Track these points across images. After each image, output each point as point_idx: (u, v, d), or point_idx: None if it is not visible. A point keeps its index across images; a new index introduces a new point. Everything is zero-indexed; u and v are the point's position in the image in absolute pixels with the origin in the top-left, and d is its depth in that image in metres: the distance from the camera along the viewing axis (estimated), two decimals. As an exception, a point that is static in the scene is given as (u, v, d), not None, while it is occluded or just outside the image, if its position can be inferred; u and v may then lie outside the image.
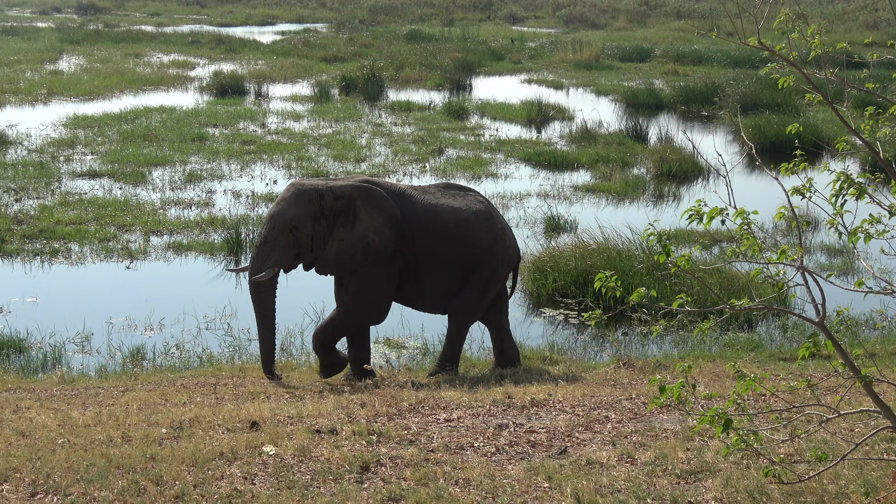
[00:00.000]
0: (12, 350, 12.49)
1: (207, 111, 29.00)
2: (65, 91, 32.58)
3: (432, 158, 23.32)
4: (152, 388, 10.67)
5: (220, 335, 13.26)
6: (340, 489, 7.14)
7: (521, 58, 42.47)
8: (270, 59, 41.25)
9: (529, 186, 21.14)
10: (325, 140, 25.15)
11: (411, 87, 35.13)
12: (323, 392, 10.25)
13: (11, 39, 47.06)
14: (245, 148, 23.96)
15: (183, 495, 7.02)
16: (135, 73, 36.82)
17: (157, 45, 45.93)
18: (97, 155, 22.94)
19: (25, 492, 7.09)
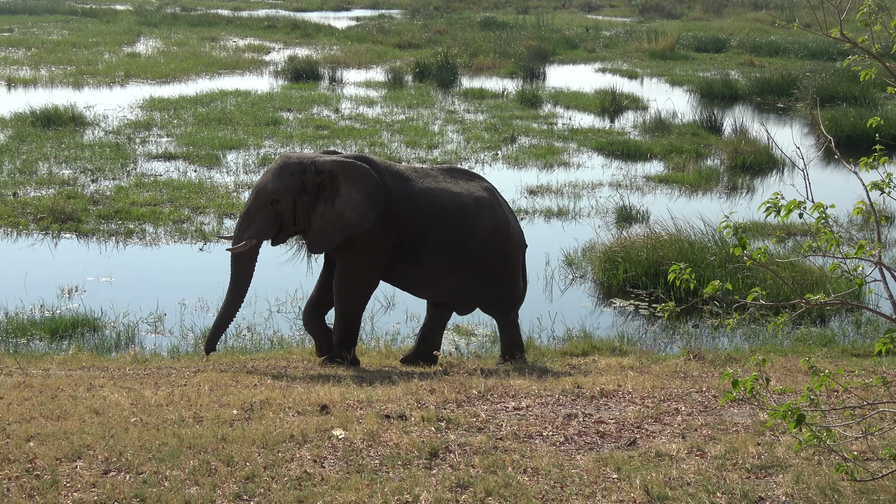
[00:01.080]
0: (87, 329, 12.65)
1: (282, 95, 29.15)
2: (142, 73, 32.89)
3: (504, 146, 23.29)
4: (223, 369, 10.76)
5: (290, 318, 13.33)
6: (409, 475, 7.16)
7: (596, 47, 42.26)
8: (345, 44, 41.37)
9: (601, 176, 21.05)
10: (398, 126, 25.19)
11: (485, 74, 35.09)
12: (392, 377, 10.27)
13: (90, 22, 47.60)
14: (318, 133, 24.06)
15: (253, 476, 7.08)
16: (211, 56, 37.10)
17: (233, 29, 46.24)
18: (172, 137, 23.15)
19: (98, 469, 7.18)
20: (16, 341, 12.22)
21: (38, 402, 8.87)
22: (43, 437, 7.74)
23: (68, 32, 43.36)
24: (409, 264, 11.04)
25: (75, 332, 12.55)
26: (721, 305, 13.59)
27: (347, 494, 6.81)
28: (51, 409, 8.62)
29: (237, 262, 11.14)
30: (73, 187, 18.62)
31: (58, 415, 8.44)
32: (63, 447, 7.51)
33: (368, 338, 12.78)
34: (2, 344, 12.11)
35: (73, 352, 11.79)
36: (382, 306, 13.69)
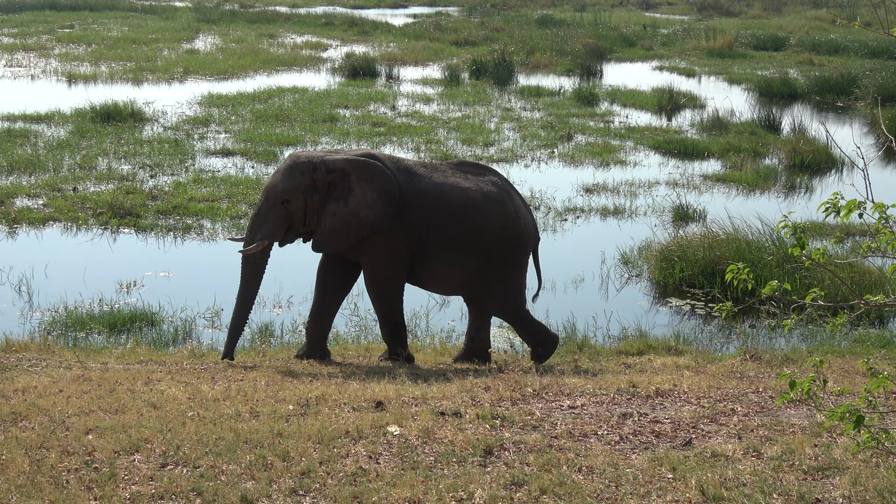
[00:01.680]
0: (144, 323, 12.76)
1: (339, 92, 29.25)
2: (200, 70, 33.12)
3: (561, 144, 23.26)
4: (280, 364, 10.82)
5: (346, 315, 13.37)
6: (464, 472, 7.17)
7: (653, 45, 42.08)
8: (402, 41, 41.44)
9: (658, 174, 20.97)
10: (455, 124, 25.21)
11: (541, 72, 35.04)
12: (447, 374, 10.29)
13: (150, 18, 48.00)
14: (375, 130, 24.12)
15: (309, 472, 7.12)
16: (268, 53, 37.29)
17: (290, 26, 46.46)
18: (230, 133, 23.29)
19: (156, 462, 7.25)
20: (75, 335, 12.35)
21: (96, 395, 8.97)
22: (101, 430, 7.83)
23: (128, 29, 43.73)
24: (421, 259, 10.96)
25: (133, 327, 12.67)
26: (778, 306, 13.51)
27: (402, 491, 6.84)
28: (109, 402, 8.71)
29: (249, 264, 11.03)
30: (132, 183, 18.78)
31: (116, 408, 8.53)
32: (121, 440, 7.59)
33: (423, 335, 12.80)
34: (61, 337, 12.25)
35: (131, 346, 11.91)
36: (437, 304, 13.71)
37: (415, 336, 12.71)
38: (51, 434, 7.71)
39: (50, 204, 17.38)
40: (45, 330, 12.52)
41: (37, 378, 9.71)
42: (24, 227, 16.42)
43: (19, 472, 6.99)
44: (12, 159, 20.00)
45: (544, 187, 19.29)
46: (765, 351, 11.61)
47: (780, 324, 12.89)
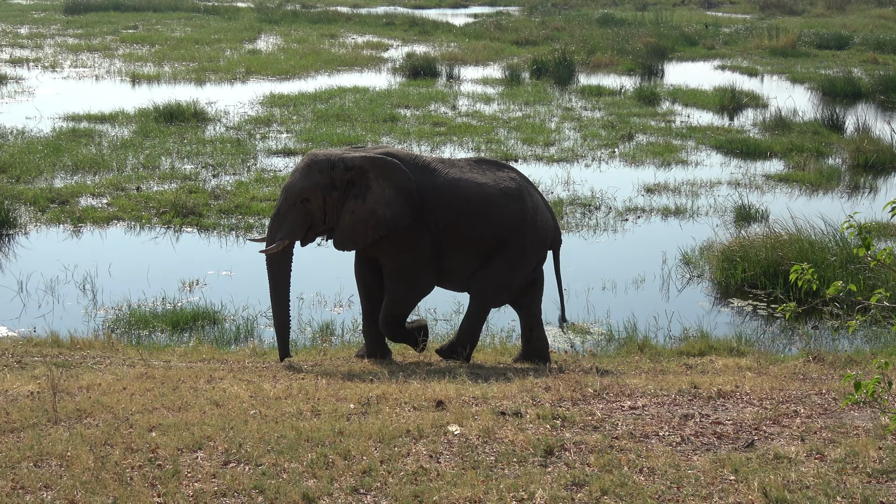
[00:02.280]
0: (207, 321, 12.86)
1: (399, 92, 29.31)
2: (262, 70, 33.31)
3: (622, 144, 23.18)
4: (340, 363, 10.87)
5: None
6: (524, 472, 7.16)
7: (715, 43, 41.82)
8: (462, 41, 41.45)
9: (720, 174, 20.83)
10: (515, 123, 25.19)
11: (602, 71, 34.93)
12: (507, 374, 10.28)
13: (213, 19, 48.34)
14: (435, 129, 24.15)
15: (370, 470, 7.14)
16: (330, 53, 37.44)
17: (351, 26, 46.61)
18: (292, 133, 23.41)
19: (219, 460, 7.30)
20: (138, 333, 12.47)
21: (159, 393, 9.05)
22: (165, 428, 7.90)
23: (191, 29, 44.06)
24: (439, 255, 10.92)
25: (196, 325, 12.77)
26: (842, 307, 13.38)
27: (463, 490, 6.84)
28: (172, 400, 8.79)
29: (273, 264, 11.06)
30: (195, 182, 18.92)
31: (179, 406, 8.60)
32: (184, 438, 7.65)
33: (483, 335, 12.78)
34: (125, 335, 12.37)
35: (193, 344, 12.01)
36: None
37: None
38: (115, 431, 7.79)
39: (114, 203, 17.56)
40: (108, 328, 12.66)
41: (101, 376, 9.81)
42: (89, 226, 16.59)
43: (84, 468, 7.07)
44: (77, 159, 20.21)
45: (605, 187, 19.23)
46: (828, 352, 11.51)
47: (844, 325, 12.77)
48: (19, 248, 15.69)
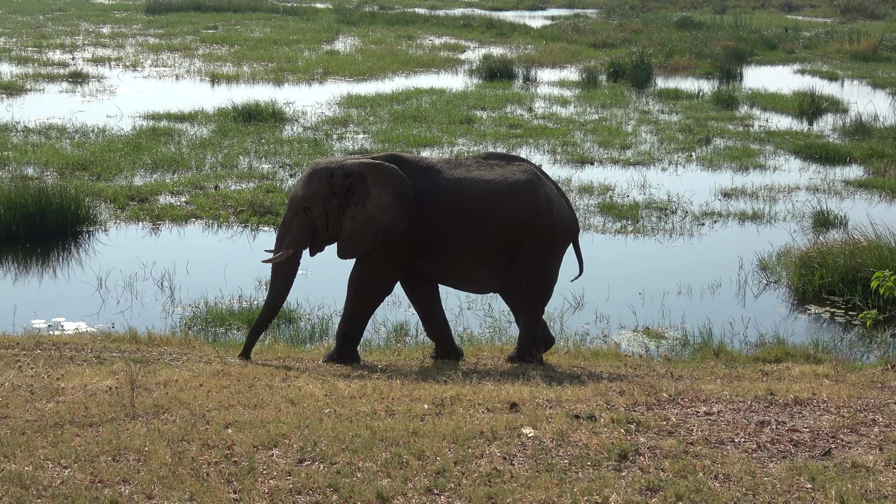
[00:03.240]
0: (282, 320, 12.94)
1: (476, 94, 29.34)
2: (340, 71, 33.50)
3: (699, 147, 23.03)
4: (414, 364, 10.90)
5: (480, 315, 13.42)
6: (598, 476, 7.14)
7: (795, 47, 41.43)
8: (539, 43, 41.41)
9: (798, 179, 20.64)
10: (591, 126, 25.13)
11: (680, 74, 34.73)
12: (581, 378, 10.26)
13: (291, 20, 48.68)
14: (511, 132, 24.15)
15: (444, 471, 7.15)
16: (407, 54, 37.56)
17: (429, 28, 46.73)
18: (368, 134, 23.51)
19: (294, 458, 7.35)
20: (215, 330, 12.60)
21: (235, 390, 9.13)
22: (241, 425, 7.97)
23: (270, 30, 44.40)
24: (443, 258, 10.84)
25: (271, 324, 12.83)
26: (922, 315, 13.20)
27: (537, 493, 6.84)
28: (248, 397, 8.86)
29: (276, 272, 11.12)
30: (272, 181, 19.07)
31: (255, 403, 8.67)
32: (260, 435, 7.71)
33: (557, 337, 12.75)
34: (202, 332, 12.50)
35: (269, 342, 12.10)
36: (571, 306, 13.68)
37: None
38: (191, 427, 7.87)
39: (192, 201, 17.74)
40: (186, 325, 12.79)
41: (178, 372, 9.92)
42: (167, 223, 16.78)
43: (161, 463, 7.15)
44: (157, 157, 20.45)
45: (681, 191, 19.13)
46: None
47: (925, 333, 12.60)
48: (99, 245, 15.91)
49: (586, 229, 16.92)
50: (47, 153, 20.59)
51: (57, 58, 35.70)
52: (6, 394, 8.71)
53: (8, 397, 8.60)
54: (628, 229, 17.07)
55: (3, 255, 15.50)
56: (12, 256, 15.49)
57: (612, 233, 16.92)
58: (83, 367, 10.14)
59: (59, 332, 12.32)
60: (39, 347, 11.11)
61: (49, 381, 9.20)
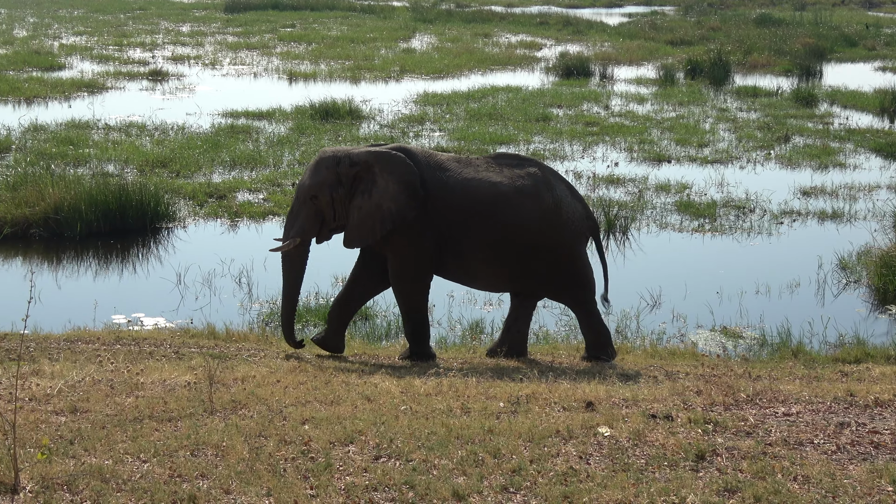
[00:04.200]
0: (359, 317, 12.97)
1: (552, 92, 29.27)
2: (416, 69, 33.57)
3: (778, 145, 22.80)
4: (489, 361, 10.89)
5: (556, 314, 13.38)
6: (675, 476, 7.10)
7: (876, 44, 40.91)
8: (616, 41, 41.24)
9: (879, 178, 20.36)
10: (669, 124, 24.97)
11: (758, 72, 34.42)
12: (657, 377, 10.21)
13: (368, 18, 48.92)
14: (588, 129, 24.07)
15: (519, 469, 7.14)
16: (483, 52, 37.57)
17: (505, 26, 46.71)
18: (445, 132, 23.54)
19: (370, 454, 7.38)
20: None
21: (312, 386, 9.19)
22: (317, 421, 8.01)
23: (347, 28, 44.61)
24: (453, 256, 10.82)
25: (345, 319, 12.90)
26: None
27: (613, 492, 6.81)
28: (324, 393, 8.91)
29: (286, 262, 11.16)
30: (349, 179, 19.11)
31: (331, 400, 8.71)
32: (336, 431, 7.75)
33: (633, 336, 12.71)
34: (279, 329, 12.55)
35: (345, 339, 12.14)
36: (648, 305, 13.60)
37: (624, 337, 12.62)
38: (269, 423, 7.93)
39: (270, 198, 17.86)
40: (263, 321, 12.89)
41: (255, 368, 10.00)
42: (245, 220, 16.91)
43: (239, 458, 7.21)
44: (235, 155, 20.61)
45: (760, 189, 18.94)
46: None
47: None
48: (178, 242, 16.08)
49: (662, 227, 16.85)
50: (128, 150, 20.84)
51: (137, 56, 36.15)
52: (87, 388, 8.83)
53: (88, 392, 8.71)
54: (706, 228, 16.95)
55: (85, 251, 15.71)
56: (93, 252, 15.69)
57: (689, 231, 16.80)
58: (162, 363, 10.25)
59: (139, 328, 12.46)
60: (119, 342, 11.25)
61: (129, 376, 9.31)
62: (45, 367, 9.60)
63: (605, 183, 19.35)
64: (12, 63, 33.06)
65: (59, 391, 8.69)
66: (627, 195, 18.57)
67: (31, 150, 20.79)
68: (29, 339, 11.13)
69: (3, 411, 7.64)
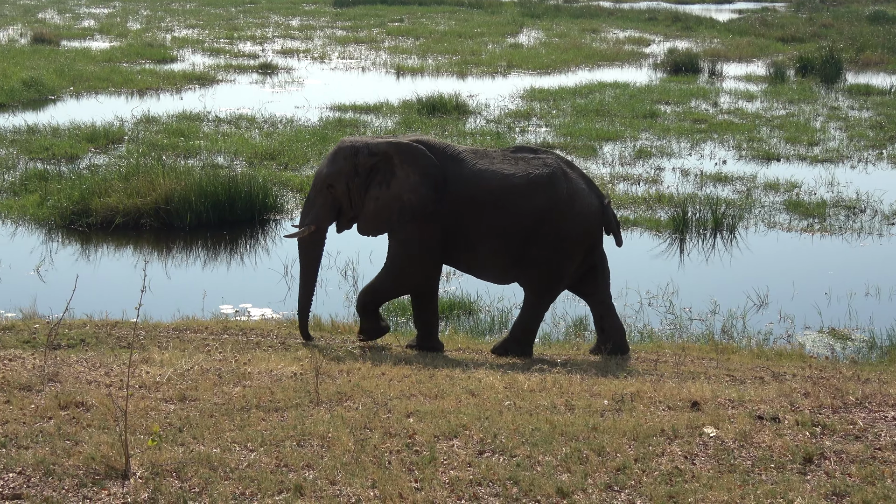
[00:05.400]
0: (463, 311, 13.02)
1: (660, 88, 29.07)
2: (523, 64, 33.54)
3: (890, 145, 22.41)
4: (594, 358, 10.85)
5: (661, 312, 13.30)
6: (782, 479, 7.01)
7: None
8: (726, 37, 40.82)
9: None
10: (778, 122, 24.66)
11: (871, 70, 33.83)
12: (764, 377, 10.10)
13: (476, 13, 48.98)
14: (696, 126, 23.86)
15: (624, 468, 7.11)
16: (591, 48, 37.43)
17: (613, 21, 46.49)
18: (551, 127, 23.49)
19: (474, 449, 7.39)
20: (396, 320, 12.74)
21: (416, 379, 9.22)
22: (421, 415, 8.04)
23: (455, 23, 44.70)
24: (465, 247, 10.82)
25: (452, 315, 12.95)
26: None
27: (719, 493, 6.74)
28: (429, 387, 8.94)
29: (302, 249, 11.31)
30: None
31: (435, 393, 8.75)
32: (440, 425, 7.77)
33: (739, 336, 12.58)
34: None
35: (449, 333, 12.18)
36: (755, 305, 13.45)
37: (730, 337, 12.50)
38: (374, 415, 7.98)
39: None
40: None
41: (360, 360, 10.06)
42: (352, 213, 17.00)
43: (344, 450, 7.26)
44: (342, 148, 20.74)
45: (871, 189, 18.63)
46: None
47: None
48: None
49: (770, 227, 16.66)
50: (237, 143, 21.10)
51: (247, 49, 36.57)
52: (195, 377, 8.96)
53: (197, 380, 8.84)
54: (815, 227, 16.72)
55: (194, 241, 15.94)
56: (202, 243, 15.91)
57: (797, 231, 16.59)
58: (269, 353, 10.37)
59: (246, 318, 12.62)
60: (227, 332, 11.41)
61: (236, 366, 9.43)
62: (155, 356, 9.75)
63: (713, 181, 19.18)
64: (126, 55, 33.62)
65: (168, 379, 8.82)
66: (735, 193, 18.39)
67: (143, 141, 21.15)
68: (139, 327, 11.33)
69: (115, 398, 7.79)
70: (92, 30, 41.09)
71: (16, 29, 40.17)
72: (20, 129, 22.17)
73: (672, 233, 16.30)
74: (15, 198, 17.15)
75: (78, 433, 7.39)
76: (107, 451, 6.97)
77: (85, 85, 28.20)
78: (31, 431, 7.37)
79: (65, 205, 16.31)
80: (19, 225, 16.18)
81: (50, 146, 20.55)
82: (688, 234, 16.24)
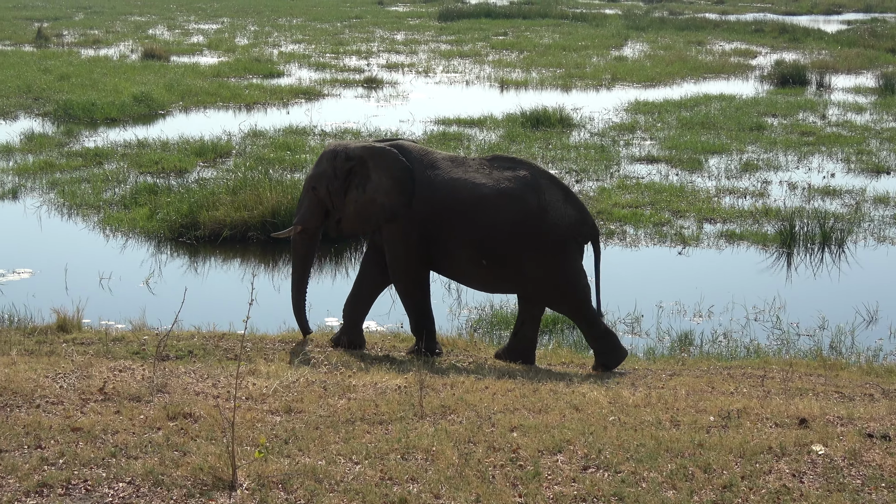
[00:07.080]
0: (566, 325, 12.95)
1: (767, 100, 28.76)
2: (627, 77, 33.39)
3: None
4: (699, 374, 10.76)
5: (767, 327, 13.15)
6: (893, 498, 6.88)
7: None
8: (834, 48, 40.28)
9: None
10: (888, 134, 24.26)
11: None
12: (873, 395, 9.93)
13: (580, 26, 48.87)
14: (803, 139, 23.56)
15: (730, 485, 7.03)
16: (696, 60, 37.15)
17: (719, 33, 46.10)
18: (656, 140, 23.34)
19: (578, 464, 7.36)
20: (499, 333, 12.75)
21: (520, 393, 9.21)
22: (525, 429, 8.03)
23: (559, 36, 44.65)
24: (443, 254, 10.93)
25: (555, 328, 12.92)
26: None
27: (827, 512, 6.66)
28: (532, 401, 8.93)
29: (293, 249, 11.69)
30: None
31: (539, 408, 8.73)
32: (544, 440, 7.75)
33: (848, 352, 12.39)
34: (487, 335, 12.66)
35: (552, 347, 12.16)
36: (864, 320, 13.24)
37: (839, 353, 12.31)
38: (478, 429, 7.99)
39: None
40: (472, 327, 12.99)
41: (464, 373, 10.08)
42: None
43: (448, 463, 7.28)
44: (446, 162, 20.79)
45: None
46: None
47: None
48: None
49: (880, 241, 16.41)
50: (342, 156, 21.23)
51: (353, 64, 36.86)
52: (301, 389, 9.04)
53: (303, 392, 8.92)
54: (927, 242, 16.42)
55: (300, 254, 16.06)
56: (308, 256, 16.03)
57: (909, 245, 16.31)
58: (373, 365, 10.42)
59: (351, 331, 12.68)
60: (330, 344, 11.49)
61: (341, 378, 9.50)
62: (262, 368, 9.86)
63: (821, 194, 18.92)
64: (234, 70, 34.06)
65: (274, 391, 8.92)
66: (844, 207, 18.12)
67: (251, 155, 21.40)
68: (246, 339, 11.46)
69: (222, 409, 7.89)
70: (201, 45, 41.69)
71: (127, 45, 40.89)
72: (131, 144, 22.57)
73: (779, 247, 16.10)
74: (125, 211, 17.45)
75: (186, 444, 7.49)
76: (214, 462, 7.06)
77: (194, 100, 28.62)
78: (140, 442, 7.49)
79: (174, 218, 16.57)
80: (129, 238, 16.46)
81: (159, 160, 20.88)
82: (795, 249, 16.04)
